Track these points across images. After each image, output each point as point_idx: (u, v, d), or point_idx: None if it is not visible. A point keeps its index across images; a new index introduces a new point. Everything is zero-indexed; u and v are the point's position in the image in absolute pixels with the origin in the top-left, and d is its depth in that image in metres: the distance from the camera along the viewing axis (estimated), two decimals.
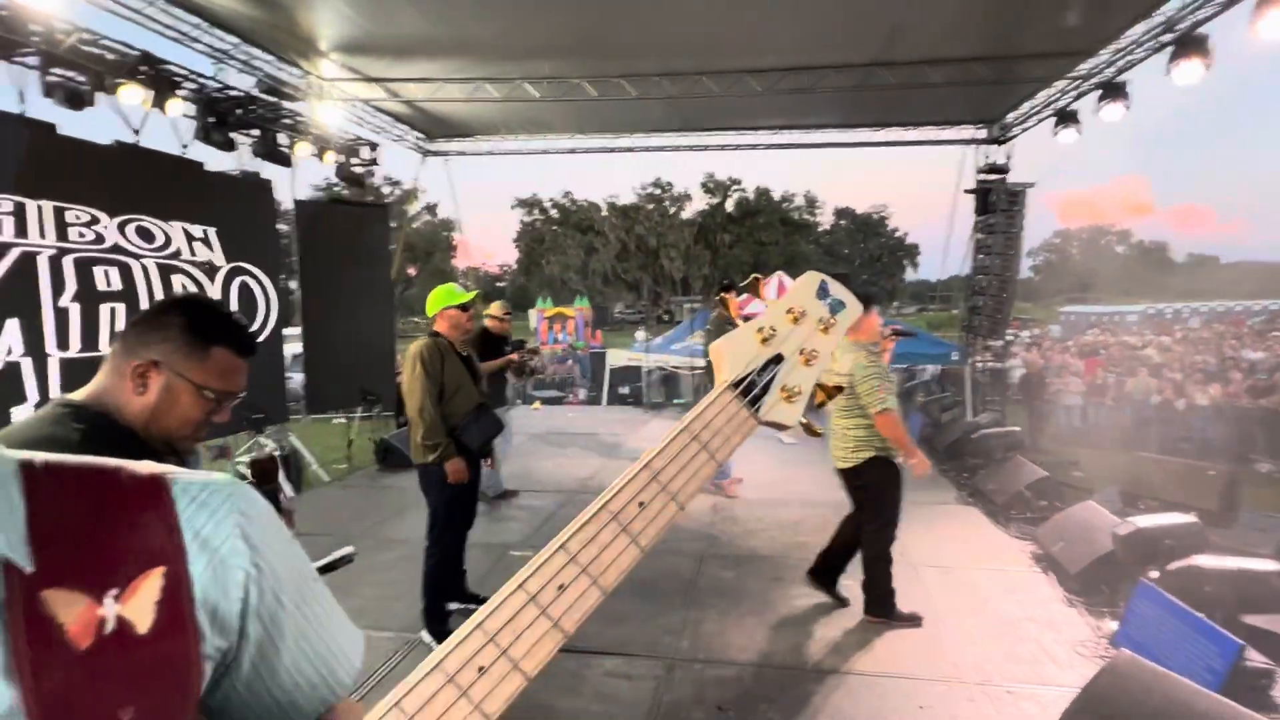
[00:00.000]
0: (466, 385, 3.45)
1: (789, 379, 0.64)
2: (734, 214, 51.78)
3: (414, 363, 3.36)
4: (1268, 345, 17.05)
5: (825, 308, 0.68)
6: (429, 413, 3.30)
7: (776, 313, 0.67)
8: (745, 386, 0.63)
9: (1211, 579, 2.96)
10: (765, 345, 0.65)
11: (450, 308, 3.49)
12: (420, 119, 9.75)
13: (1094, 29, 6.43)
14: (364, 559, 4.68)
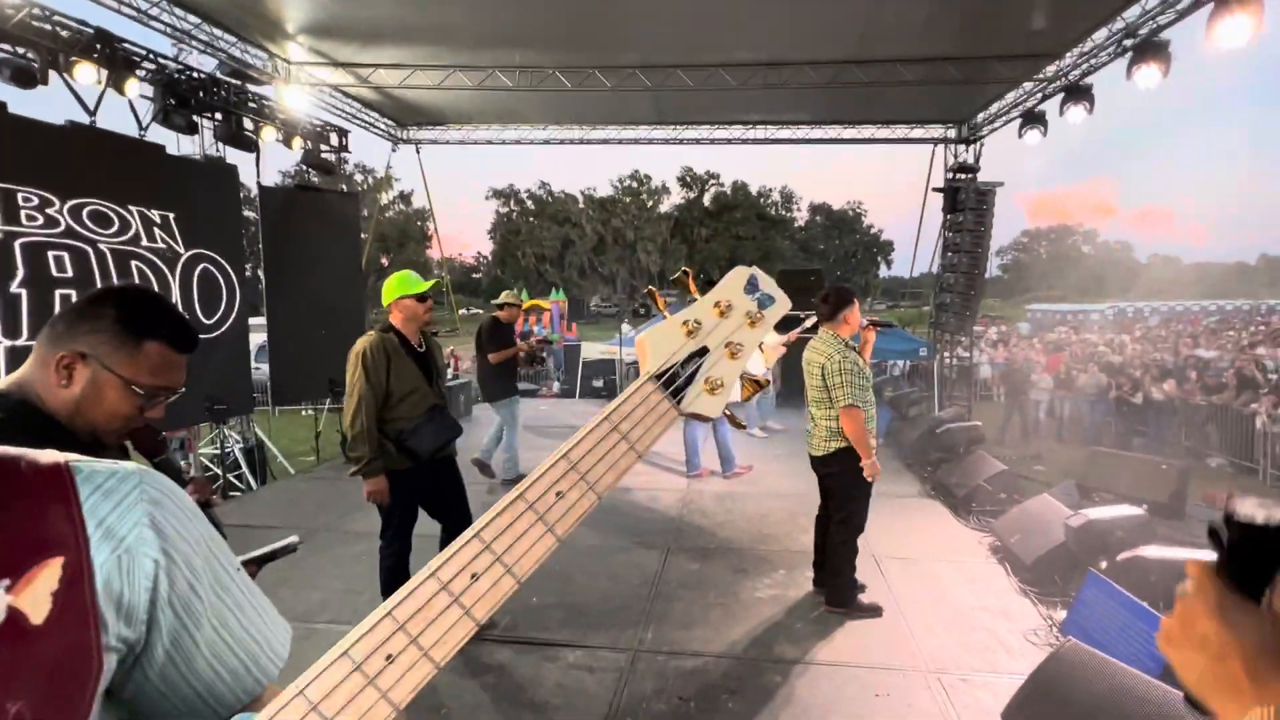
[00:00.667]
0: (419, 387, 3.11)
1: (713, 371, 0.65)
2: (711, 208, 51.97)
3: (354, 363, 3.03)
4: (1220, 344, 17.63)
5: (753, 302, 0.69)
6: (360, 421, 2.98)
7: (703, 306, 0.67)
8: (668, 378, 0.63)
9: (1156, 569, 3.07)
10: (690, 338, 0.65)
11: (405, 297, 3.13)
12: (391, 106, 9.59)
13: (1059, 32, 6.57)
14: (327, 552, 4.63)
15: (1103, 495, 5.50)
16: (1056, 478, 7.19)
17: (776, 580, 4.08)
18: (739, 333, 0.67)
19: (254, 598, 0.67)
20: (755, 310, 0.68)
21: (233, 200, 7.35)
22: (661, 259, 48.92)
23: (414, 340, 3.18)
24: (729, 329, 0.67)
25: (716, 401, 0.64)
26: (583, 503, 0.59)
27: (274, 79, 7.66)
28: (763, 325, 0.68)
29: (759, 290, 0.70)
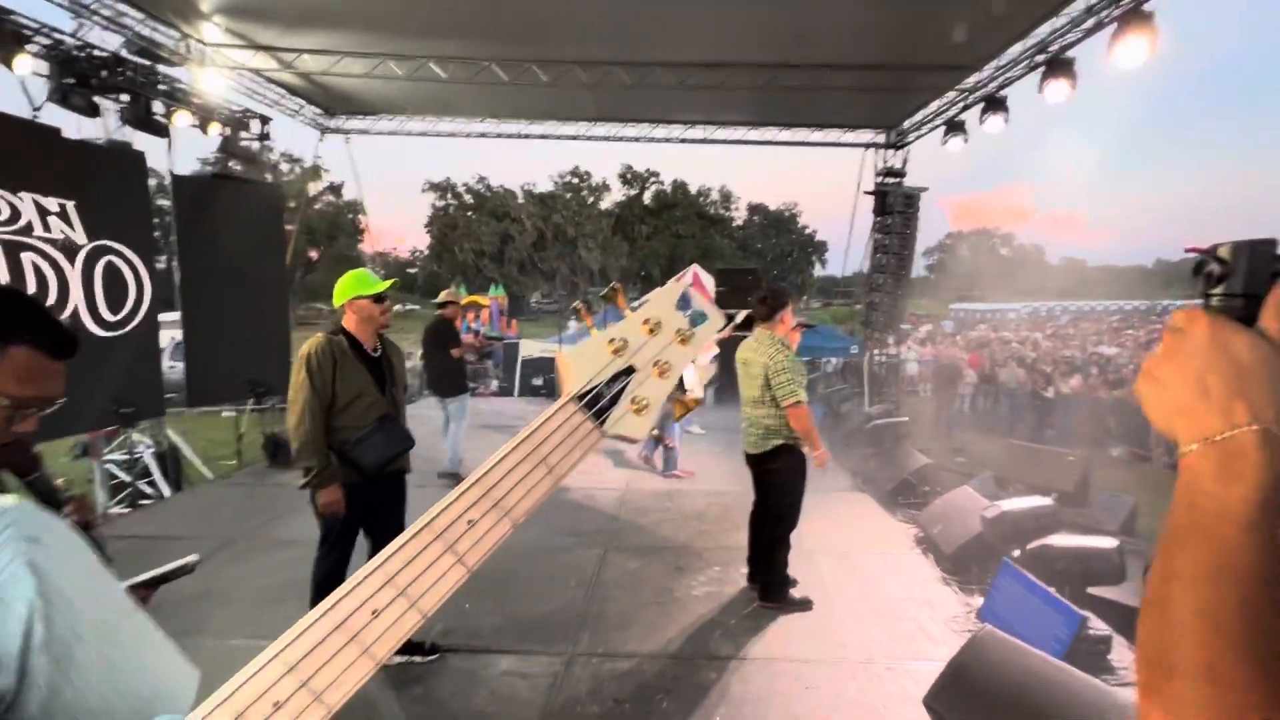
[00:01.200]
0: (368, 393, 2.90)
1: (639, 391, 0.63)
2: (652, 206, 52.19)
3: (299, 366, 2.82)
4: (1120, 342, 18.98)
5: (685, 319, 0.67)
6: (305, 429, 2.78)
7: (632, 323, 0.65)
8: (591, 398, 0.61)
9: (1063, 556, 3.27)
10: (617, 356, 0.63)
11: (361, 298, 2.92)
12: (318, 93, 9.19)
13: (978, 46, 6.89)
14: (246, 562, 4.41)
15: (1017, 486, 5.83)
16: (977, 469, 7.58)
17: (712, 577, 4.14)
18: (668, 351, 0.65)
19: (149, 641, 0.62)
20: (686, 327, 0.66)
21: (140, 188, 6.88)
22: (603, 256, 48.80)
23: (368, 344, 2.98)
24: (658, 347, 0.65)
25: (643, 422, 0.62)
26: (496, 531, 0.57)
27: (187, 60, 7.21)
28: (694, 343, 0.66)
29: (691, 307, 0.68)
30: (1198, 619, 0.41)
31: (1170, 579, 0.43)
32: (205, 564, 4.26)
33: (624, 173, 51.70)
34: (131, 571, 1.37)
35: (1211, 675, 0.39)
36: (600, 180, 51.78)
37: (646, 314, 0.66)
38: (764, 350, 3.62)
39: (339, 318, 3.03)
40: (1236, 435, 0.44)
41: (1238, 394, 0.45)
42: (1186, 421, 0.47)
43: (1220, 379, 0.46)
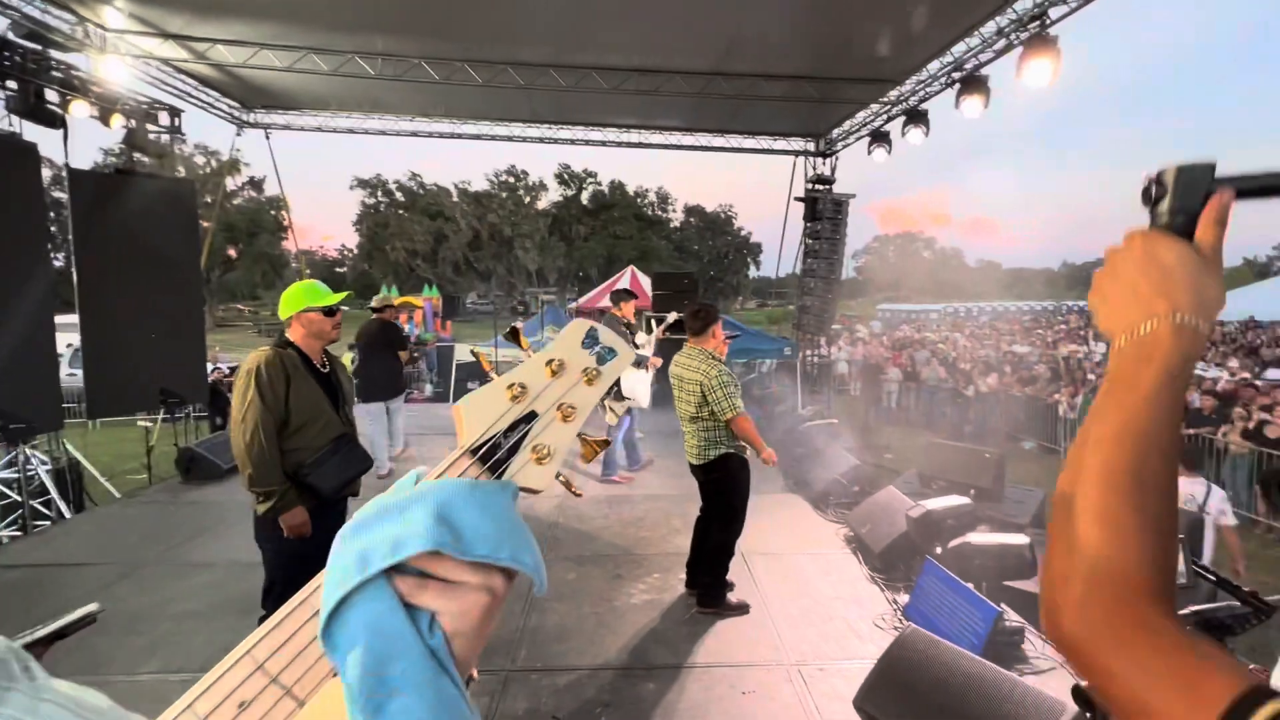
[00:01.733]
0: (324, 412, 2.71)
1: (542, 438, 0.59)
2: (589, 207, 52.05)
3: (246, 381, 2.59)
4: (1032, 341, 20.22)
5: (592, 357, 0.64)
6: (260, 450, 2.56)
7: (533, 366, 0.62)
8: (487, 450, 0.57)
9: (980, 553, 3.45)
10: (515, 403, 0.59)
11: (311, 310, 2.71)
12: (234, 86, 8.71)
13: (900, 61, 7.20)
14: (157, 589, 4.12)
15: (938, 483, 6.11)
16: (904, 466, 7.91)
17: (651, 584, 4.16)
18: (573, 393, 0.62)
19: None
20: (594, 366, 0.63)
21: (32, 182, 6.34)
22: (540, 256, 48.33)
23: (317, 360, 2.78)
24: (561, 389, 0.61)
25: (545, 471, 0.59)
26: None
27: (86, 47, 6.70)
28: (601, 383, 0.63)
29: (599, 344, 0.65)
30: (1099, 472, 0.49)
31: (1085, 441, 0.52)
32: (112, 590, 3.99)
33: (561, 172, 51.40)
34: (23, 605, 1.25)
35: (1104, 518, 0.48)
36: (537, 180, 51.30)
37: (550, 355, 0.63)
38: (698, 368, 3.70)
39: (281, 327, 2.82)
40: (1154, 325, 0.53)
41: (1161, 293, 0.53)
42: (1120, 321, 0.56)
43: (1148, 281, 0.55)
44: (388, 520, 0.46)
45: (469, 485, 0.49)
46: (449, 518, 0.46)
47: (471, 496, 0.48)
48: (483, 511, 0.47)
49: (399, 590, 0.45)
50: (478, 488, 0.49)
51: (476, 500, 0.48)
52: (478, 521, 0.47)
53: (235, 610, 3.64)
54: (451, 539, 0.45)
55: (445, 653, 0.44)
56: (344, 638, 0.43)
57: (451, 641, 0.45)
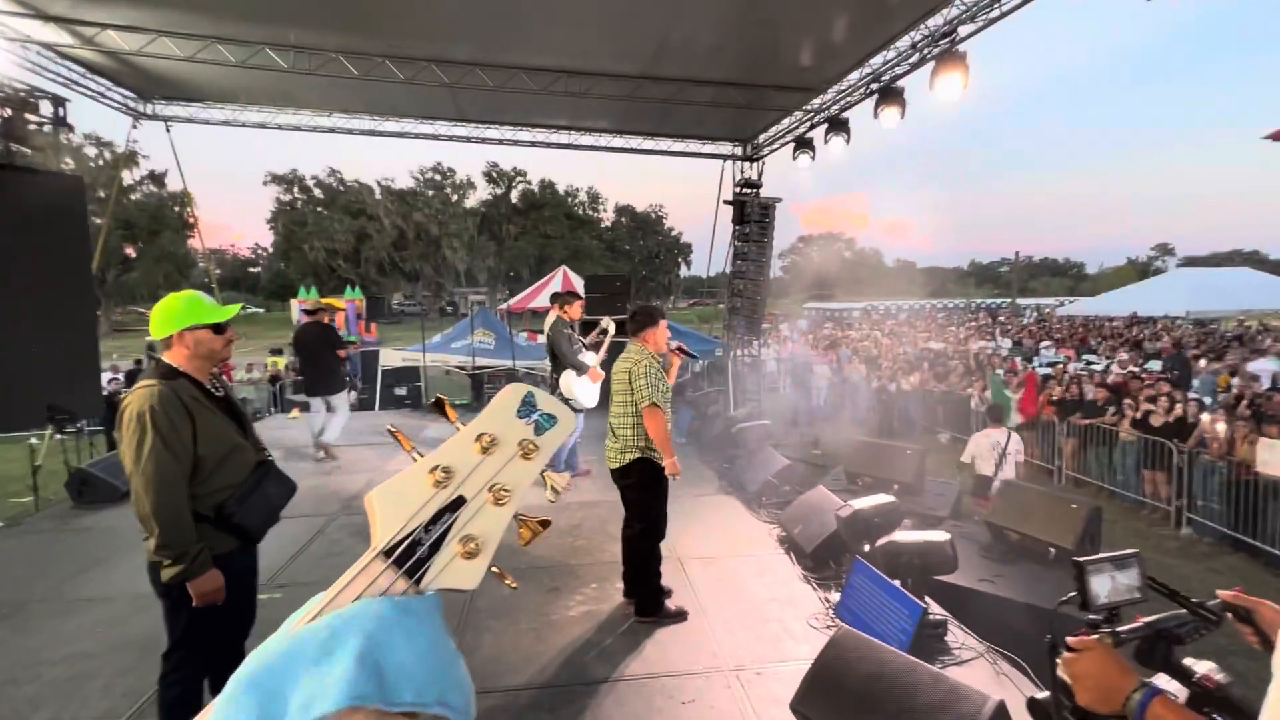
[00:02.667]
0: (237, 444, 2.38)
1: (471, 527, 0.53)
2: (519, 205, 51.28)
3: (137, 430, 2.18)
4: (945, 338, 21.35)
5: (529, 426, 0.57)
6: (171, 510, 2.18)
7: (459, 444, 0.55)
8: (405, 549, 0.50)
9: (905, 551, 3.60)
10: (439, 489, 0.52)
11: (199, 328, 2.32)
12: (129, 74, 8.09)
13: (821, 71, 7.44)
14: (43, 629, 3.75)
15: (865, 479, 6.35)
16: (832, 462, 8.18)
17: (589, 595, 4.12)
18: (507, 471, 0.55)
19: None
20: (530, 437, 0.56)
21: None
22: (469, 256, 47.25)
23: (208, 383, 2.40)
24: (493, 469, 0.55)
25: (474, 567, 0.52)
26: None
27: None
28: (540, 456, 0.57)
29: (537, 410, 0.58)
30: None
31: None
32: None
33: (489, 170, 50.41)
34: None
35: None
36: (465, 178, 50.12)
37: (479, 428, 0.55)
38: (630, 356, 3.79)
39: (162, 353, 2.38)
40: None
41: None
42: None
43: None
44: (297, 667, 0.39)
45: (395, 612, 0.43)
46: (372, 658, 0.40)
47: (398, 627, 0.42)
48: (409, 644, 0.42)
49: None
50: (405, 612, 0.43)
51: (404, 630, 0.42)
52: (403, 658, 0.41)
53: (136, 648, 3.36)
54: (375, 686, 0.40)
55: None
56: None
57: None
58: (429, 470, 0.52)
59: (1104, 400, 9.35)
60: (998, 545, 4.93)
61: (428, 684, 0.41)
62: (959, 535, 4.92)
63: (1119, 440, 8.61)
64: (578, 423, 6.11)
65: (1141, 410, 8.57)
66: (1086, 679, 1.05)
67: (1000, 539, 4.97)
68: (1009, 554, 4.80)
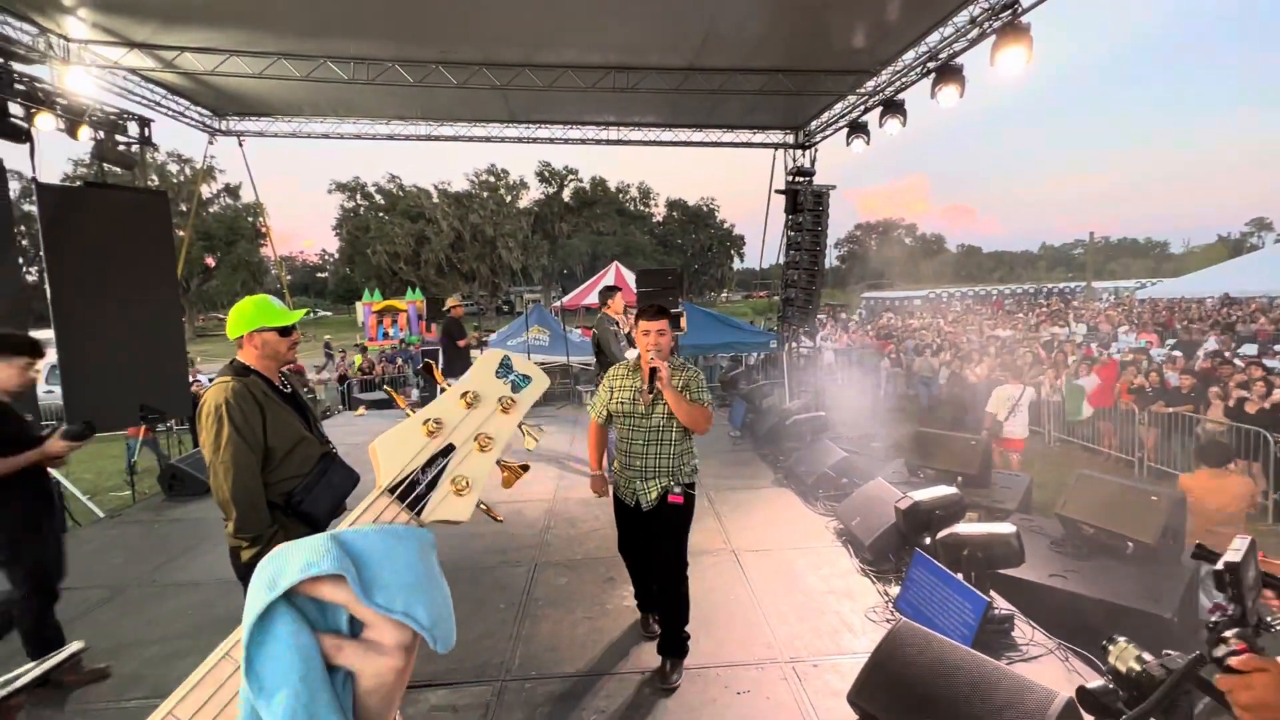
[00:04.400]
0: (304, 437, 2.54)
1: (460, 470, 0.61)
2: (571, 204, 51.84)
3: (214, 422, 2.36)
4: (1013, 324, 20.42)
5: (506, 385, 0.66)
6: (246, 493, 2.35)
7: (447, 401, 0.64)
8: (406, 488, 0.59)
9: (968, 543, 3.48)
10: (432, 438, 0.61)
11: (266, 330, 2.50)
12: (204, 94, 8.58)
13: (875, 52, 7.22)
14: (144, 610, 4.06)
15: (926, 471, 6.16)
16: (892, 454, 7.97)
17: None
18: (490, 423, 0.64)
19: None
20: (509, 395, 0.65)
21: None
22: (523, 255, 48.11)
23: (276, 381, 2.59)
24: (477, 421, 0.63)
25: (465, 503, 0.60)
26: None
27: (49, 58, 6.55)
28: (517, 410, 0.66)
29: (513, 372, 0.67)
30: None
31: None
32: (95, 615, 3.92)
33: (542, 170, 51.13)
34: None
35: None
36: (518, 178, 51.04)
37: (464, 387, 0.64)
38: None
39: (235, 354, 2.60)
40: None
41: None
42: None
43: None
44: (297, 549, 0.46)
45: (376, 531, 0.49)
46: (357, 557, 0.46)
47: (378, 542, 0.48)
48: (386, 558, 0.47)
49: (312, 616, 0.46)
50: (385, 534, 0.49)
51: (382, 547, 0.48)
52: (379, 568, 0.47)
53: (225, 630, 3.51)
54: (354, 573, 0.46)
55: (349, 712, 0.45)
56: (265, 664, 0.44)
57: (365, 701, 0.46)
58: (422, 422, 0.61)
59: (1189, 388, 8.77)
60: (1070, 539, 4.71)
61: (396, 594, 0.46)
62: (1028, 529, 4.73)
63: (1207, 430, 8.06)
64: None
65: (1234, 397, 7.99)
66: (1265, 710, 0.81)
67: (1073, 533, 4.74)
68: (1083, 548, 4.57)
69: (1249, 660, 0.83)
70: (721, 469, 6.75)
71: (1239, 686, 0.81)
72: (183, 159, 39.75)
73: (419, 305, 23.66)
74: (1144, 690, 1.23)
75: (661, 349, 3.00)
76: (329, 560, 0.45)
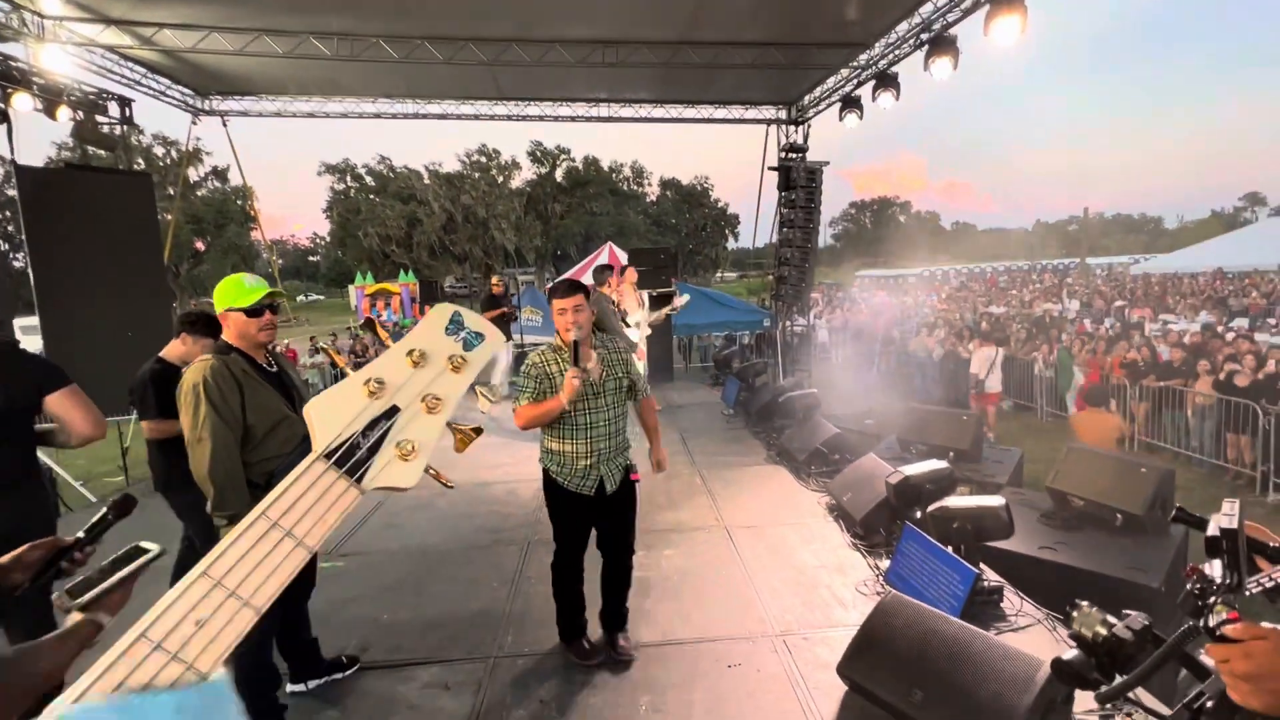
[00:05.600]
0: (285, 415, 2.48)
1: (406, 433, 0.57)
2: (564, 184, 51.31)
3: (194, 398, 2.32)
4: (1007, 301, 20.44)
5: (457, 343, 0.61)
6: (224, 469, 2.31)
7: (391, 359, 0.59)
8: (344, 452, 0.55)
9: (958, 516, 3.49)
10: (373, 399, 0.57)
11: (233, 310, 2.46)
12: (186, 72, 8.41)
13: (868, 24, 7.11)
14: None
15: (919, 447, 6.18)
16: (885, 432, 7.99)
17: (636, 562, 4.14)
18: (438, 383, 0.59)
19: None
20: (459, 353, 0.61)
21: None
22: (516, 236, 47.72)
23: (261, 359, 2.54)
24: (424, 381, 0.59)
25: (411, 468, 0.56)
26: (235, 623, 0.50)
27: (23, 36, 6.40)
28: (468, 370, 0.61)
29: (464, 329, 0.62)
30: None
31: None
32: None
33: (534, 150, 50.51)
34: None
35: None
36: (509, 158, 50.39)
37: (410, 344, 0.59)
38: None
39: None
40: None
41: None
42: None
43: None
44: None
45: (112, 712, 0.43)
46: None
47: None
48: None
49: None
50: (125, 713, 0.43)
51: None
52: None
53: None
54: None
55: None
56: None
57: None
58: (363, 383, 0.57)
59: (1180, 361, 8.81)
60: (1060, 512, 4.74)
61: None
62: (1018, 502, 4.76)
63: (1197, 403, 8.11)
64: None
65: (1225, 371, 8.03)
66: (1267, 679, 0.74)
67: (1062, 505, 4.78)
68: (1072, 520, 4.61)
69: (1246, 628, 0.78)
70: (714, 446, 6.76)
71: (1236, 655, 0.76)
72: (168, 142, 39.11)
73: (412, 288, 23.50)
74: (1114, 655, 1.23)
75: (581, 325, 2.76)
76: None
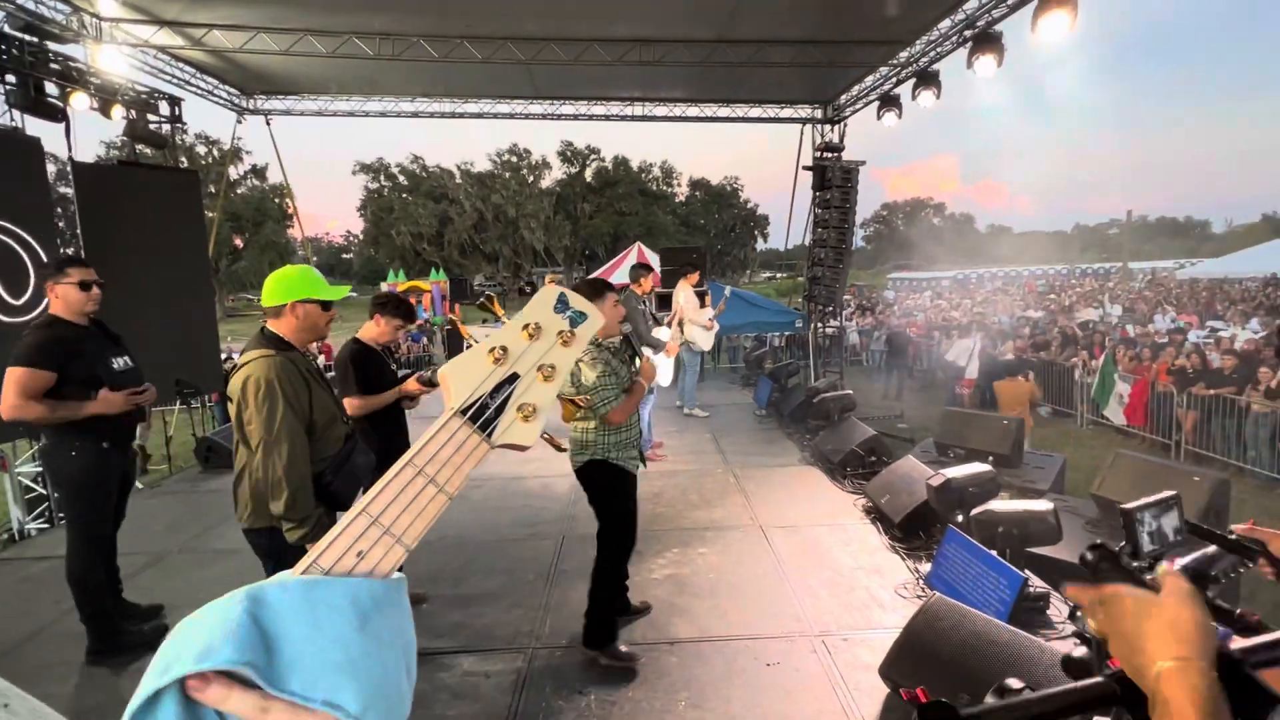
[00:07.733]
0: (336, 414, 2.51)
1: (526, 397, 0.62)
2: (593, 184, 51.54)
3: (264, 397, 2.25)
4: (1045, 305, 19.96)
5: (565, 320, 0.67)
6: (300, 472, 2.26)
7: (511, 330, 0.64)
8: (475, 410, 0.60)
9: (1003, 520, 3.42)
10: (498, 365, 0.62)
11: (311, 302, 2.43)
12: (232, 72, 8.63)
13: (909, 21, 7.00)
14: (184, 576, 4.19)
15: (956, 451, 6.07)
16: (919, 435, 7.87)
17: (671, 559, 4.16)
18: (551, 354, 0.65)
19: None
20: (568, 329, 0.66)
21: (38, 176, 6.32)
22: (546, 236, 48.07)
23: (308, 356, 2.54)
24: (540, 351, 0.64)
25: (531, 429, 0.62)
26: (389, 558, 0.54)
27: (82, 37, 6.63)
28: (577, 344, 0.66)
29: (570, 308, 0.68)
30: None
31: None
32: (137, 579, 4.04)
33: (564, 150, 50.83)
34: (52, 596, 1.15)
35: None
36: (540, 158, 50.78)
37: (526, 319, 0.65)
38: None
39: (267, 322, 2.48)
40: None
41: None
42: None
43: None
44: (202, 627, 0.40)
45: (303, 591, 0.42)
46: (272, 636, 0.40)
47: (303, 614, 0.41)
48: (310, 632, 0.40)
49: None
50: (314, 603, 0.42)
51: (307, 619, 0.41)
52: (301, 645, 0.40)
53: None
54: (264, 658, 0.39)
55: None
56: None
57: None
58: (489, 350, 0.62)
59: (1231, 369, 8.51)
60: (1106, 519, 4.61)
61: (320, 675, 0.39)
62: (1063, 509, 4.64)
63: (1251, 412, 7.82)
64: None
65: (1278, 379, 7.73)
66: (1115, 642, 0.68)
67: (1109, 513, 4.64)
68: (1120, 529, 4.47)
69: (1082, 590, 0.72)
70: (747, 446, 6.72)
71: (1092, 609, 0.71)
72: (210, 141, 40.25)
73: (443, 285, 23.84)
74: None
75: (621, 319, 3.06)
76: (230, 647, 0.37)
